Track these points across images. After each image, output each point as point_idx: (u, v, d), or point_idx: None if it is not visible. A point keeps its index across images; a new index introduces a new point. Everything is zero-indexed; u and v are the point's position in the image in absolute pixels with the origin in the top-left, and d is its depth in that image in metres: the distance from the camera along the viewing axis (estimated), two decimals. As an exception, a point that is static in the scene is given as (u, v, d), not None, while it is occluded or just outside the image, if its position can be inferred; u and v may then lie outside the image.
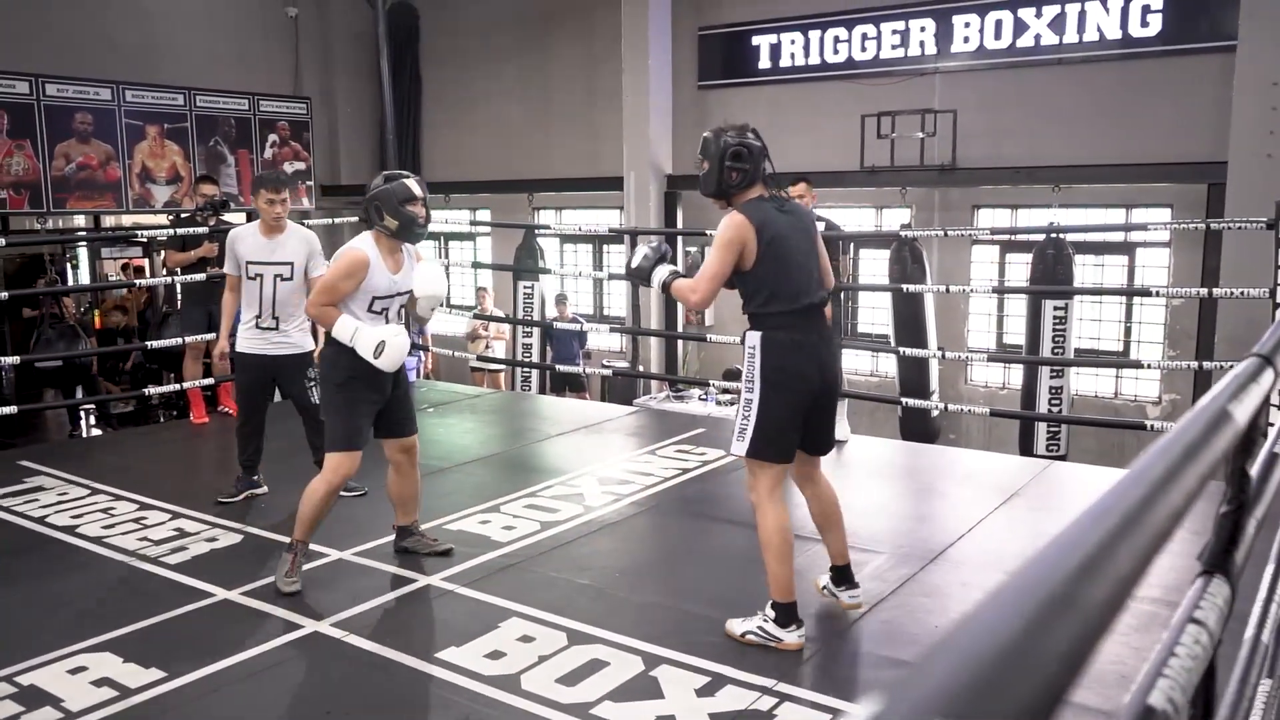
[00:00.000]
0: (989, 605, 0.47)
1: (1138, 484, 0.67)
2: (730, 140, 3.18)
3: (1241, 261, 6.90)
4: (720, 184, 3.21)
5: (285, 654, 3.24)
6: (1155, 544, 0.63)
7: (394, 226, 3.70)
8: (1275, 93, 7.14)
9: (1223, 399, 0.99)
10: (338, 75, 13.04)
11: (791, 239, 3.20)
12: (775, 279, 3.16)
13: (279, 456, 5.90)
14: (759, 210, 3.16)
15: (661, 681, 3.02)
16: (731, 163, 3.17)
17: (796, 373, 3.17)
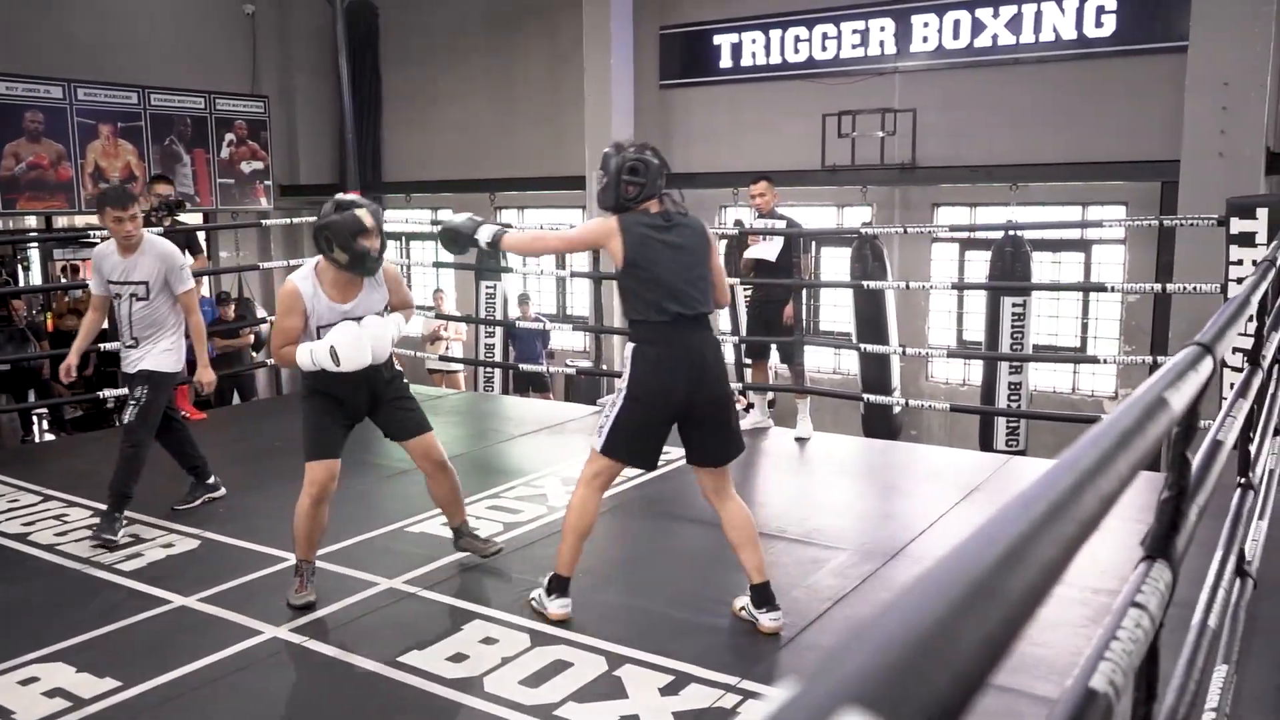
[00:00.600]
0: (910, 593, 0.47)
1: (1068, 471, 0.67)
2: (630, 155, 3.28)
3: (1194, 258, 7.03)
4: (617, 198, 3.30)
5: (244, 661, 3.19)
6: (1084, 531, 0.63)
7: (344, 260, 3.46)
8: (1226, 92, 7.27)
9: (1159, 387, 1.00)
10: (296, 73, 12.89)
11: (664, 251, 3.26)
12: (640, 288, 3.25)
13: (241, 459, 5.83)
14: (633, 221, 3.27)
15: (625, 681, 3.01)
16: (628, 177, 3.27)
17: (658, 388, 3.24)
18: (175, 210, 6.42)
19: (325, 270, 3.53)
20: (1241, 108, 7.23)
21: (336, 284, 3.53)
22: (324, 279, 3.53)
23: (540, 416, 6.90)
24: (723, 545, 4.33)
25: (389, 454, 6.36)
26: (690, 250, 3.32)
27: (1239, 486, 2.59)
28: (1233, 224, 4.75)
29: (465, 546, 3.95)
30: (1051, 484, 0.62)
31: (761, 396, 6.33)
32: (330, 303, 3.52)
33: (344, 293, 3.55)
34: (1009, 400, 7.92)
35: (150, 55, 11.19)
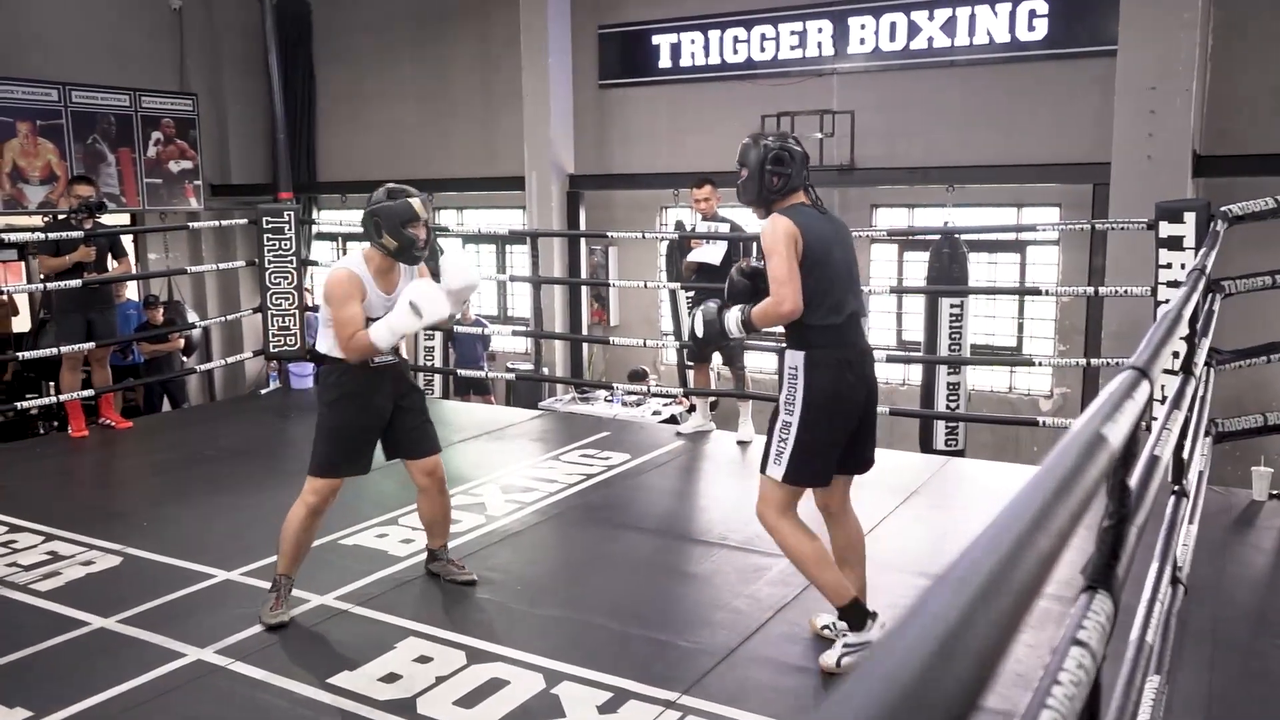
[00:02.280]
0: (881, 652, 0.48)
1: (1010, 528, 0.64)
2: (771, 145, 3.11)
3: (1125, 260, 7.16)
4: (761, 190, 3.12)
5: (166, 685, 3.06)
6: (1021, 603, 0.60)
7: (392, 247, 3.45)
8: (1153, 96, 7.42)
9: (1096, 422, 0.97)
10: (226, 71, 12.56)
11: (835, 247, 3.10)
12: (819, 289, 3.02)
13: (167, 469, 5.65)
14: (801, 215, 3.06)
15: (563, 699, 2.95)
16: (773, 167, 3.10)
17: (845, 394, 3.04)
18: (97, 212, 6.19)
19: (371, 258, 3.50)
20: (1168, 112, 7.38)
21: (381, 273, 3.51)
22: (370, 267, 3.49)
23: (481, 421, 6.80)
24: (664, 553, 4.31)
25: (307, 461, 6.19)
26: (848, 245, 3.20)
27: (1172, 494, 2.61)
28: (1161, 228, 4.82)
29: (439, 570, 3.84)
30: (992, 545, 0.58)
31: (703, 400, 6.30)
32: (379, 293, 3.49)
33: (388, 283, 3.53)
34: (948, 401, 8.00)
35: (71, 51, 10.80)
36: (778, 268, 2.98)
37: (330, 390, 3.50)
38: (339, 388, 3.48)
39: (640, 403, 9.50)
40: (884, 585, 3.87)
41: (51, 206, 10.08)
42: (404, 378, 3.65)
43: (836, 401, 3.02)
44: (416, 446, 3.67)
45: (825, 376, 3.01)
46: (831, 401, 3.02)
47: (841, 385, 3.02)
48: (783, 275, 2.98)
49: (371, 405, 3.52)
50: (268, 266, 7.39)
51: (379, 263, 3.50)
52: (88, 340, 6.18)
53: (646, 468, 5.46)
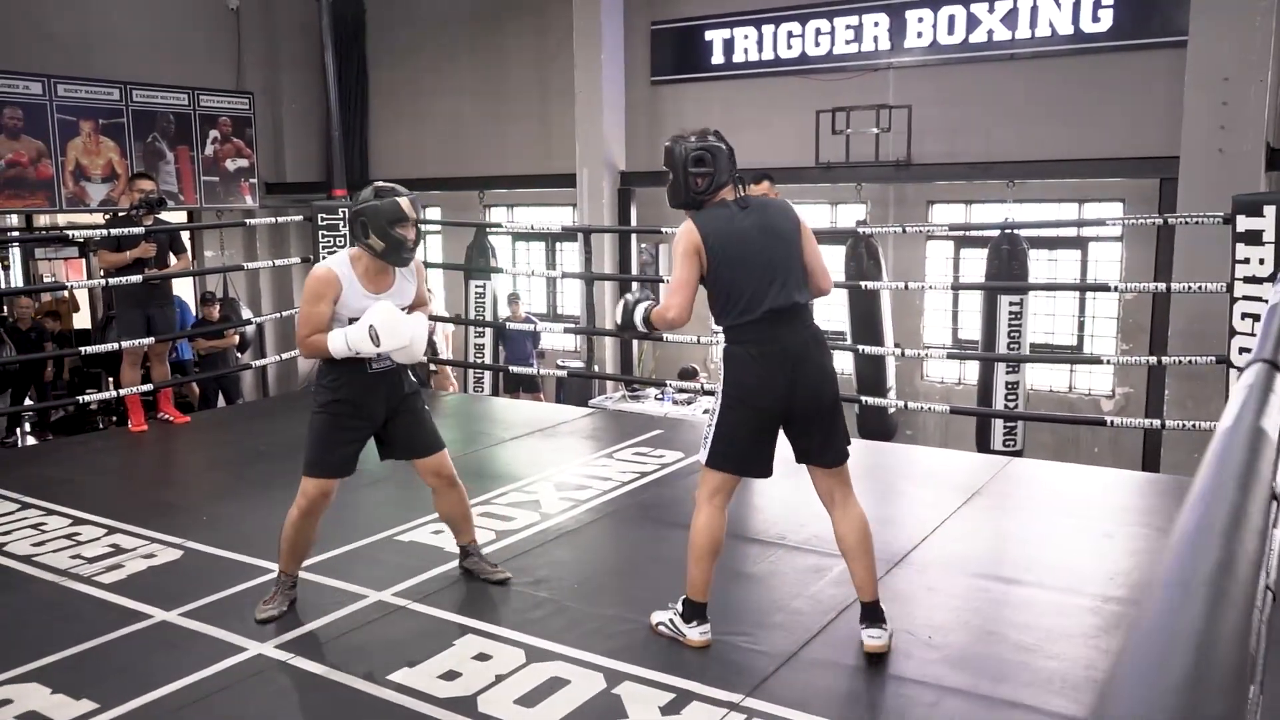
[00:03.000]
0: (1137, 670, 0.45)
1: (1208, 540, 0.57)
2: (691, 146, 3.06)
3: (1194, 256, 6.94)
4: (687, 193, 3.08)
5: (228, 679, 3.06)
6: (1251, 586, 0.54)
7: (379, 248, 3.35)
8: (1226, 88, 7.19)
9: (1249, 418, 0.89)
10: (282, 70, 12.71)
11: (752, 242, 3.03)
12: (730, 287, 3.03)
13: (225, 464, 5.70)
14: (713, 217, 3.05)
15: (624, 699, 2.90)
16: (694, 169, 3.05)
17: (756, 387, 3.04)
18: (157, 208, 6.26)
19: (359, 258, 3.41)
20: (1241, 103, 7.15)
21: (370, 273, 3.41)
22: (357, 267, 3.40)
23: (531, 419, 6.78)
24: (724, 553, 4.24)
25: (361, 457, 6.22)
26: (777, 234, 3.08)
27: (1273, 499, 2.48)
28: (1239, 221, 4.66)
29: (472, 567, 3.78)
30: (1198, 556, 0.51)
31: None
32: (363, 291, 3.39)
33: (377, 283, 3.43)
34: (1006, 400, 7.83)
35: (132, 51, 10.99)
36: (675, 275, 3.07)
37: (323, 392, 3.44)
38: (332, 390, 3.41)
39: (691, 401, 9.43)
40: (948, 587, 3.78)
41: (112, 204, 10.26)
42: (401, 384, 3.55)
43: (749, 394, 3.04)
44: (417, 446, 3.60)
45: (738, 370, 3.06)
46: (744, 394, 3.05)
47: (753, 378, 3.03)
48: (673, 284, 3.06)
49: (363, 410, 3.45)
50: (322, 263, 7.43)
51: (368, 263, 3.41)
52: (148, 335, 6.25)
53: (698, 467, 5.39)
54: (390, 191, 3.37)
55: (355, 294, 3.38)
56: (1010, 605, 3.60)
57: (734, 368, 3.07)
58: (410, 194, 3.41)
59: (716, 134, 3.12)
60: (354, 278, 3.39)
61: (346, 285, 3.36)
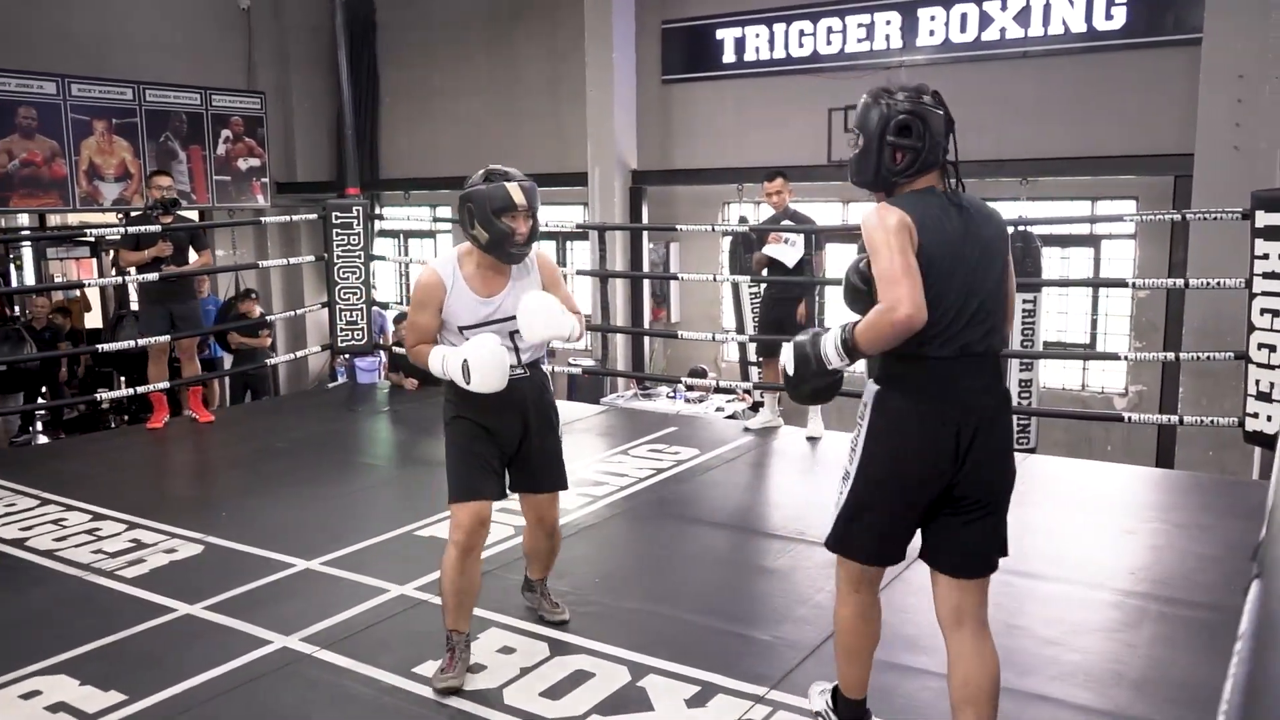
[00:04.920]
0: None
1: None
2: (898, 107, 2.27)
3: (1209, 253, 6.93)
4: (878, 169, 2.30)
5: (253, 671, 3.08)
6: None
7: (483, 239, 2.91)
8: (1241, 85, 7.18)
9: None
10: (293, 69, 12.75)
11: (962, 253, 2.24)
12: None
13: (245, 461, 5.72)
14: (920, 205, 2.24)
15: (650, 692, 2.91)
16: (896, 138, 2.27)
17: (916, 452, 2.24)
18: (171, 208, 6.28)
19: (468, 256, 2.99)
20: (1256, 100, 7.14)
21: (480, 273, 2.97)
22: (465, 266, 2.98)
23: (546, 416, 6.78)
24: (741, 548, 4.25)
25: (379, 454, 6.27)
26: (987, 250, 2.29)
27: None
28: (1258, 217, 4.65)
29: (532, 602, 3.43)
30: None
31: (772, 395, 6.23)
32: (473, 296, 2.95)
33: (488, 284, 2.98)
34: (1020, 397, 7.82)
35: (145, 51, 11.03)
36: (885, 262, 2.16)
37: (449, 407, 3.03)
38: (455, 405, 3.01)
39: (702, 399, 9.44)
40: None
41: (125, 203, 10.30)
42: (539, 398, 3.09)
43: (904, 459, 2.26)
44: (531, 479, 3.13)
45: (895, 423, 2.27)
46: (897, 457, 2.26)
47: (915, 439, 2.24)
48: (894, 271, 2.14)
49: (496, 426, 2.99)
50: (335, 262, 7.45)
51: (479, 258, 2.97)
52: (171, 331, 6.28)
53: (716, 463, 5.41)
54: (501, 175, 2.95)
55: (463, 300, 2.95)
56: (1034, 600, 3.60)
57: (890, 420, 2.28)
58: (526, 179, 2.98)
59: (936, 96, 2.34)
60: (461, 279, 2.96)
61: (452, 289, 2.94)
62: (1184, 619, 3.43)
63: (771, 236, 5.92)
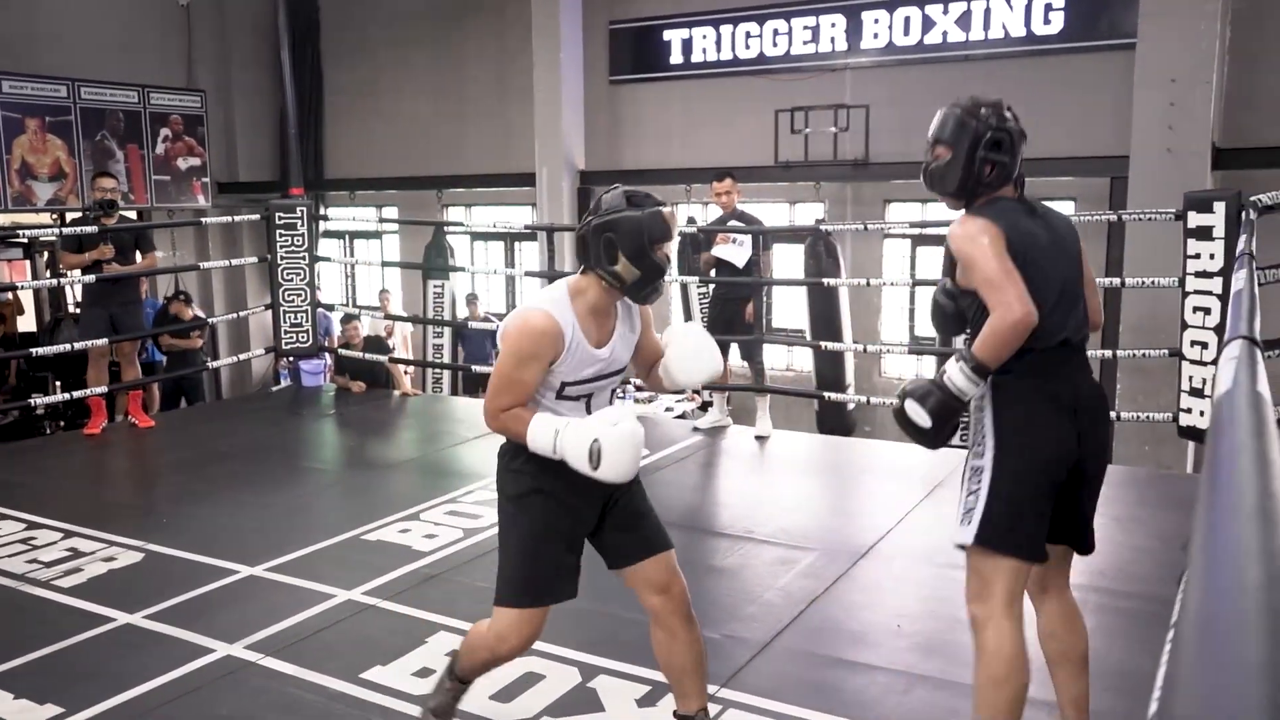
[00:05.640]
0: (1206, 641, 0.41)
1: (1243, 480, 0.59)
2: (990, 121, 2.36)
3: (1145, 253, 7.10)
4: (966, 180, 2.38)
5: (195, 681, 3.02)
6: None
7: (630, 278, 2.31)
8: (1174, 89, 7.37)
9: (1246, 383, 0.92)
10: (234, 68, 12.54)
11: (1049, 255, 2.36)
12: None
13: (186, 467, 5.60)
14: (1003, 212, 2.34)
15: (600, 693, 2.91)
16: (988, 153, 2.35)
17: (1046, 439, 2.31)
18: (110, 209, 6.14)
19: (582, 294, 2.36)
20: (1188, 104, 7.34)
21: (594, 317, 2.37)
22: (578, 307, 2.35)
23: (495, 418, 6.75)
24: (691, 547, 4.26)
25: (324, 457, 6.19)
26: (1068, 251, 2.42)
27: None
28: (1190, 218, 4.77)
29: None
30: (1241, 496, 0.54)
31: (720, 395, 6.26)
32: (588, 348, 2.35)
33: (600, 331, 2.38)
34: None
35: (81, 47, 10.78)
36: (987, 269, 2.24)
37: (516, 479, 2.39)
38: (532, 475, 2.35)
39: (652, 399, 9.46)
40: (915, 577, 3.84)
41: (60, 204, 10.05)
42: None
43: (1039, 446, 2.32)
44: (643, 542, 2.48)
45: (1022, 413, 2.33)
46: (1032, 445, 2.31)
47: (1043, 425, 2.32)
48: (998, 277, 2.23)
49: (583, 500, 2.40)
50: (280, 263, 7.35)
51: (595, 299, 2.36)
52: (113, 334, 6.14)
53: (665, 463, 5.42)
54: (647, 200, 2.36)
55: (580, 353, 2.34)
56: (976, 594, 3.66)
57: (1017, 412, 2.33)
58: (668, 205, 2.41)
59: (1011, 111, 2.43)
60: (578, 328, 2.34)
61: (571, 340, 2.32)
62: (1121, 609, 3.51)
63: (719, 237, 5.95)
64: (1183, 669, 0.40)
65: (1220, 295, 4.57)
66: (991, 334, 2.23)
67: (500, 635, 2.42)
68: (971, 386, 2.28)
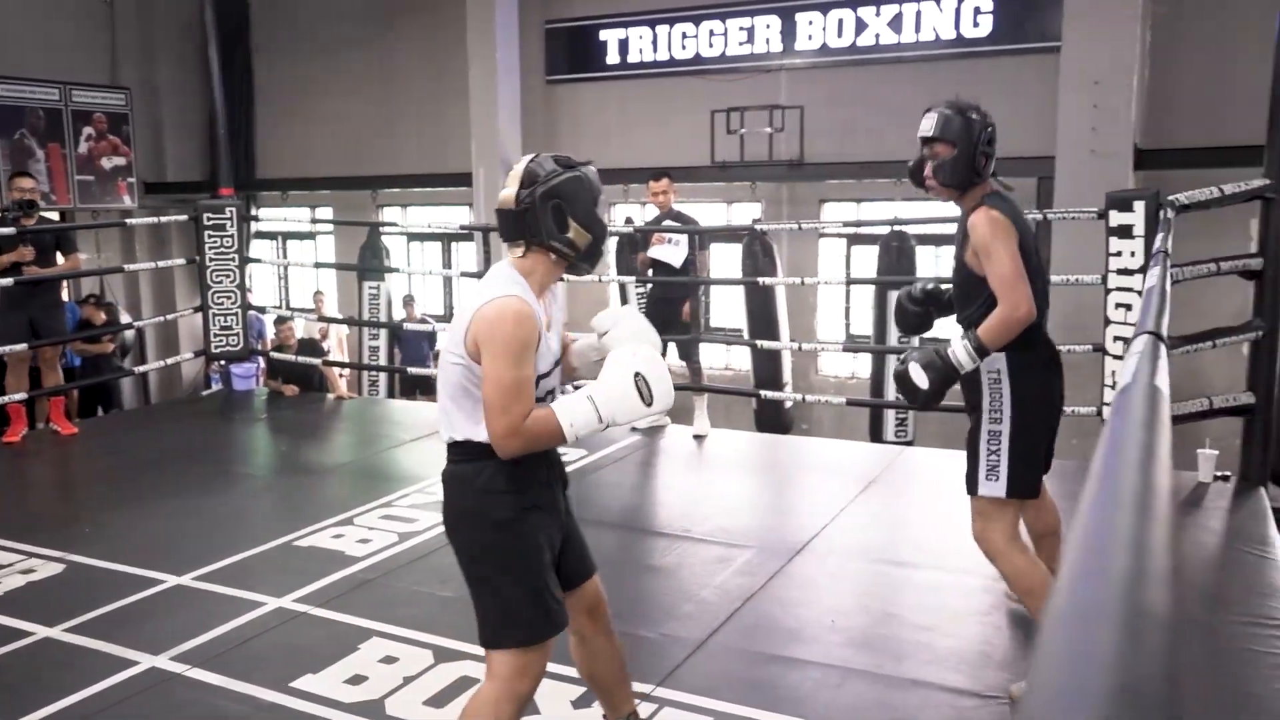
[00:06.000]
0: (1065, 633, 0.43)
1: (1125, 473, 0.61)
2: (987, 120, 2.79)
3: (1070, 251, 7.27)
4: (968, 171, 2.78)
5: (118, 695, 2.93)
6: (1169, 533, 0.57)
7: (583, 243, 2.19)
8: (1097, 91, 7.56)
9: (1146, 377, 0.94)
10: (160, 65, 12.24)
11: (1035, 242, 2.81)
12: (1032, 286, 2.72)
13: (108, 475, 5.45)
14: (1013, 210, 2.76)
15: (536, 696, 2.87)
16: (987, 148, 2.77)
17: (1048, 398, 2.83)
18: (30, 210, 5.95)
19: (532, 277, 2.19)
20: (1111, 106, 7.53)
21: (542, 301, 2.22)
22: (535, 292, 2.19)
23: (431, 421, 6.67)
24: (628, 547, 4.26)
25: (256, 462, 6.07)
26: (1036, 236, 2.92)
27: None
28: (1111, 217, 4.90)
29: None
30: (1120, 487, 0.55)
31: (659, 394, 6.26)
32: (547, 335, 2.22)
33: (547, 316, 2.23)
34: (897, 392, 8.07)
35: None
36: (1003, 266, 2.65)
37: (504, 501, 2.15)
38: (516, 495, 2.15)
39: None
40: (849, 573, 3.89)
41: (-23, 204, 9.71)
42: (563, 469, 2.38)
43: (1044, 405, 2.83)
44: (581, 563, 2.40)
45: (1031, 378, 2.77)
46: (1040, 405, 2.81)
47: (1045, 387, 2.82)
48: (1013, 275, 2.64)
49: (557, 513, 2.28)
50: (208, 265, 7.19)
51: (543, 279, 2.22)
52: (33, 338, 5.95)
53: (604, 463, 5.41)
54: (572, 161, 2.24)
55: (544, 343, 2.19)
56: (908, 588, 3.72)
57: (1030, 378, 2.77)
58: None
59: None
60: (541, 314, 2.18)
61: (542, 328, 2.16)
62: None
63: (655, 237, 5.96)
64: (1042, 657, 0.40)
65: (1140, 292, 4.69)
66: (1000, 323, 2.64)
67: (507, 688, 2.15)
68: (970, 363, 2.69)
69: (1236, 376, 5.08)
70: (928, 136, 2.83)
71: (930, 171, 2.83)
